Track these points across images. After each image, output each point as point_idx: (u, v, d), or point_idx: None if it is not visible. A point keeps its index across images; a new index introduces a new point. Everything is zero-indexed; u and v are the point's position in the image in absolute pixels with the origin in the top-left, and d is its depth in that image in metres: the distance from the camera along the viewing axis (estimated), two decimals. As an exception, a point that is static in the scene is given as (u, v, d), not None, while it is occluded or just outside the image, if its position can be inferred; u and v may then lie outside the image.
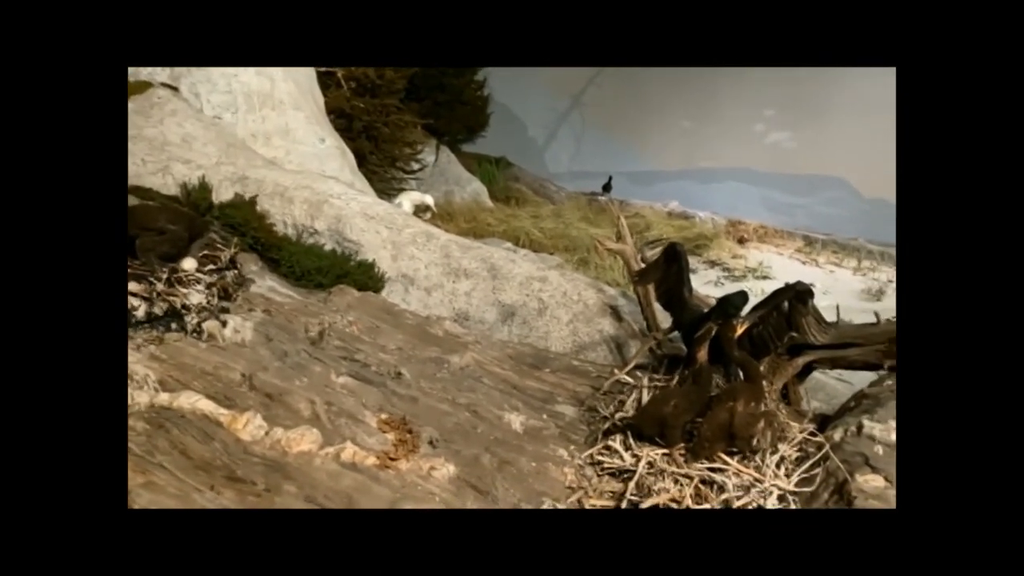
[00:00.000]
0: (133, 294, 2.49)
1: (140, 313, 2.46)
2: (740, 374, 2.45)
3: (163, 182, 3.74)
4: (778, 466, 2.21)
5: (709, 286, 7.63)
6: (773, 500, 2.09)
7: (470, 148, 11.27)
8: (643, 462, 2.23)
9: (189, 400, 2.06)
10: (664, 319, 3.13)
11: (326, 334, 2.80)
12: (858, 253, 9.76)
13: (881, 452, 2.12)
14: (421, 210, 5.99)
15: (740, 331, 2.45)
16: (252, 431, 2.03)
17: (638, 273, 3.29)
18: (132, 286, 2.50)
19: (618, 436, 2.40)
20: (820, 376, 3.27)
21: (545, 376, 2.96)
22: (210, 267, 2.89)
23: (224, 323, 2.56)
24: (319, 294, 3.29)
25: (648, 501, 2.08)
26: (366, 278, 3.54)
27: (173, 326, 2.50)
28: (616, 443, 2.37)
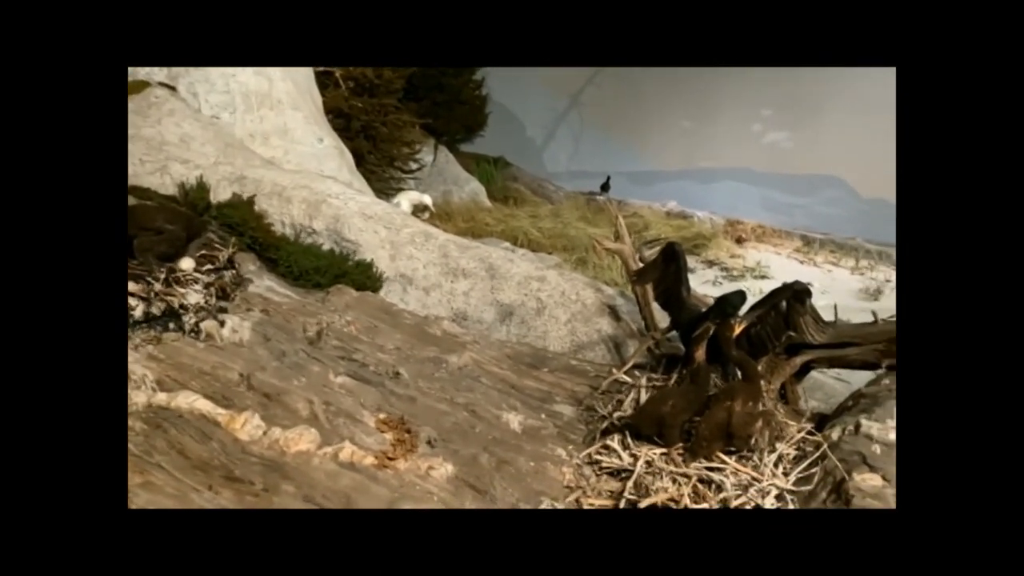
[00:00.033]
0: (131, 294, 2.48)
1: (138, 313, 2.46)
2: (738, 373, 2.45)
3: (161, 182, 3.74)
4: (776, 465, 2.22)
5: (707, 285, 7.63)
6: (771, 499, 2.09)
7: (468, 148, 11.26)
8: (641, 461, 2.24)
9: (187, 400, 2.06)
10: (662, 318, 3.14)
11: (324, 334, 2.80)
12: (856, 253, 9.77)
13: (879, 451, 2.12)
14: (419, 210, 5.98)
15: (738, 330, 2.45)
16: (250, 431, 2.02)
17: (636, 273, 3.29)
18: (130, 286, 2.50)
19: (616, 435, 2.40)
20: (818, 375, 3.27)
21: (543, 376, 2.96)
22: (208, 267, 2.88)
23: (222, 323, 2.56)
24: (317, 294, 3.28)
25: (646, 500, 2.08)
26: (364, 278, 3.54)
27: (171, 326, 2.50)
28: (614, 442, 2.37)
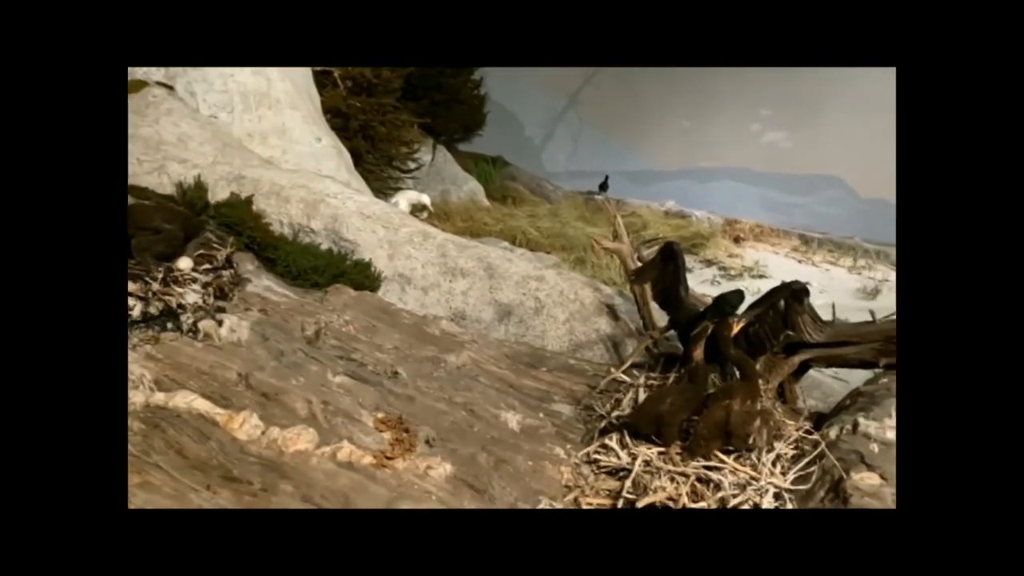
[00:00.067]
0: (129, 293, 2.48)
1: (136, 313, 2.45)
2: (736, 372, 2.45)
3: (159, 181, 3.73)
4: (774, 464, 2.22)
5: (705, 285, 7.63)
6: (769, 498, 2.09)
7: (467, 147, 11.25)
8: (639, 460, 2.24)
9: (185, 400, 2.06)
10: (660, 318, 3.14)
11: (322, 333, 2.80)
12: (854, 252, 9.77)
13: (876, 450, 2.13)
14: (418, 209, 5.97)
15: (736, 330, 2.45)
16: (248, 430, 2.02)
17: (635, 272, 3.29)
18: (128, 286, 2.50)
19: (614, 435, 2.40)
20: (816, 374, 3.28)
21: (542, 375, 2.96)
22: (206, 266, 2.88)
23: (220, 322, 2.56)
24: (315, 293, 3.28)
25: (644, 499, 2.08)
26: (362, 277, 3.54)
27: (169, 325, 2.49)
28: (612, 442, 2.37)
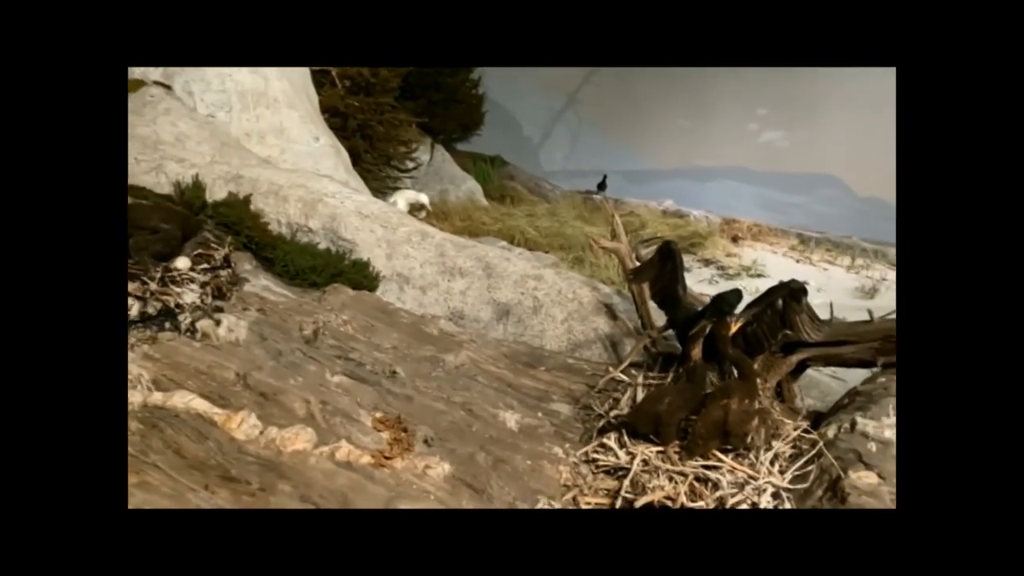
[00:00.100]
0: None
1: (134, 312, 2.45)
2: (734, 372, 2.45)
3: (156, 181, 3.73)
4: (772, 463, 2.22)
5: (703, 284, 7.63)
6: (767, 497, 2.09)
7: (465, 147, 11.25)
8: (638, 460, 2.24)
9: (183, 399, 2.05)
10: (659, 317, 3.14)
11: (321, 333, 2.80)
12: (852, 251, 9.79)
13: (874, 449, 2.13)
14: (416, 209, 5.97)
15: (734, 329, 2.46)
16: (246, 430, 2.02)
17: (633, 271, 3.29)
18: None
19: (613, 434, 2.40)
20: (814, 373, 3.28)
21: (540, 374, 2.96)
22: (204, 266, 2.88)
23: (218, 322, 2.55)
24: (313, 293, 3.28)
25: (643, 499, 2.08)
26: (361, 277, 3.54)
27: (167, 325, 2.49)
28: (611, 441, 2.37)
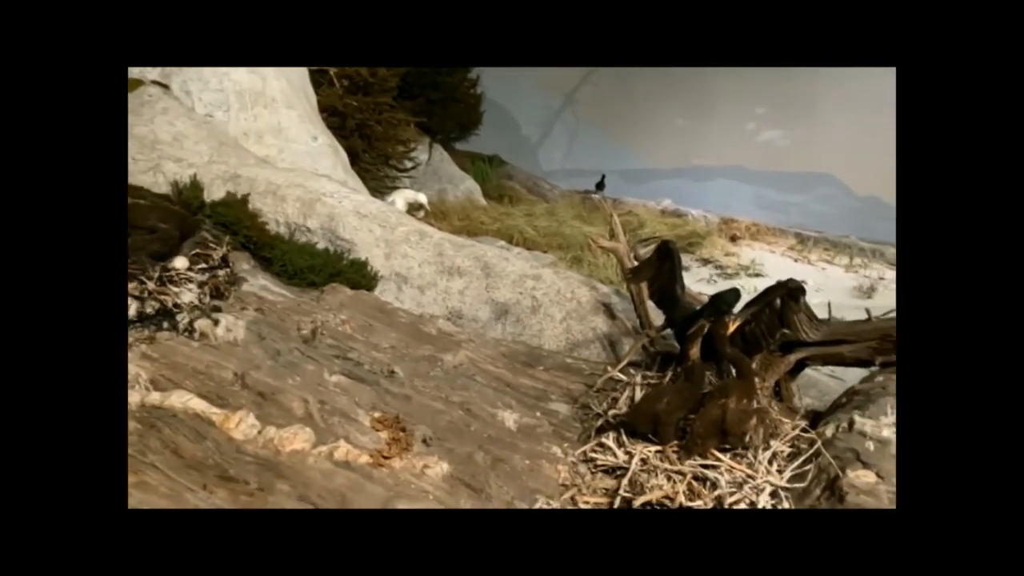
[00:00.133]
0: (124, 293, 2.48)
1: (132, 312, 2.45)
2: (732, 371, 2.45)
3: (154, 180, 3.73)
4: (770, 462, 2.22)
5: (702, 283, 7.64)
6: (765, 496, 2.10)
7: (463, 146, 11.25)
8: (636, 459, 2.24)
9: (181, 399, 2.05)
10: (657, 316, 3.14)
11: (319, 333, 2.80)
12: (849, 250, 9.81)
13: (872, 448, 2.13)
14: (414, 208, 5.98)
15: (732, 328, 2.45)
16: (245, 430, 2.02)
17: (631, 271, 3.29)
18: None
19: (611, 433, 2.41)
20: (812, 373, 3.28)
21: (538, 374, 2.96)
22: (202, 266, 2.87)
23: (216, 322, 2.55)
24: (312, 293, 3.28)
25: (641, 498, 2.09)
26: (359, 276, 3.53)
27: (165, 325, 2.49)
28: (609, 440, 2.37)
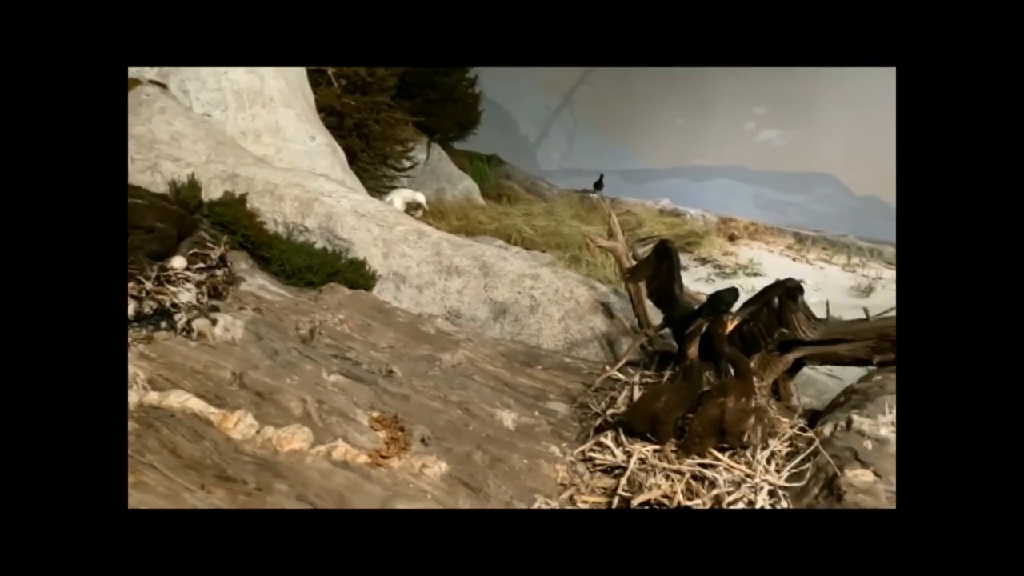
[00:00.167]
0: (122, 293, 2.47)
1: (129, 312, 2.44)
2: (731, 370, 2.46)
3: (152, 180, 3.72)
4: (769, 461, 2.23)
5: (700, 283, 7.65)
6: (764, 495, 2.10)
7: (461, 146, 11.23)
8: (634, 458, 2.24)
9: (179, 399, 2.05)
10: (655, 316, 3.14)
11: (317, 332, 2.79)
12: (848, 250, 9.82)
13: (870, 447, 2.14)
14: (412, 208, 5.98)
15: (731, 327, 2.46)
16: (243, 430, 2.02)
17: (629, 270, 3.30)
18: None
19: (610, 432, 2.41)
20: (810, 372, 3.29)
21: (537, 373, 2.96)
22: (200, 265, 2.87)
23: (214, 321, 2.55)
24: (310, 292, 3.28)
25: (640, 497, 2.09)
26: (357, 276, 3.53)
27: (163, 325, 2.48)
28: (608, 439, 2.38)
